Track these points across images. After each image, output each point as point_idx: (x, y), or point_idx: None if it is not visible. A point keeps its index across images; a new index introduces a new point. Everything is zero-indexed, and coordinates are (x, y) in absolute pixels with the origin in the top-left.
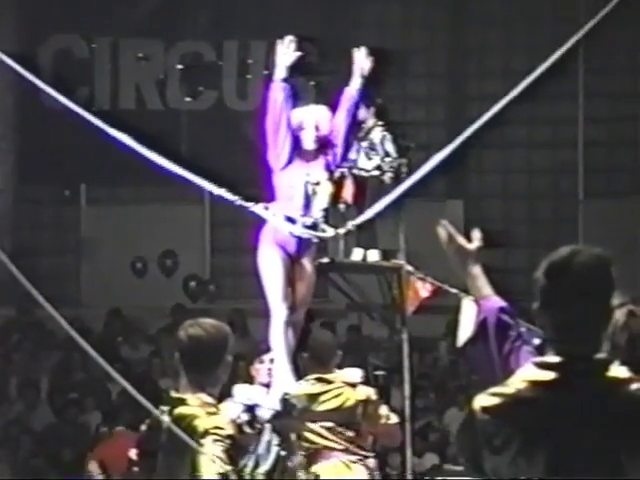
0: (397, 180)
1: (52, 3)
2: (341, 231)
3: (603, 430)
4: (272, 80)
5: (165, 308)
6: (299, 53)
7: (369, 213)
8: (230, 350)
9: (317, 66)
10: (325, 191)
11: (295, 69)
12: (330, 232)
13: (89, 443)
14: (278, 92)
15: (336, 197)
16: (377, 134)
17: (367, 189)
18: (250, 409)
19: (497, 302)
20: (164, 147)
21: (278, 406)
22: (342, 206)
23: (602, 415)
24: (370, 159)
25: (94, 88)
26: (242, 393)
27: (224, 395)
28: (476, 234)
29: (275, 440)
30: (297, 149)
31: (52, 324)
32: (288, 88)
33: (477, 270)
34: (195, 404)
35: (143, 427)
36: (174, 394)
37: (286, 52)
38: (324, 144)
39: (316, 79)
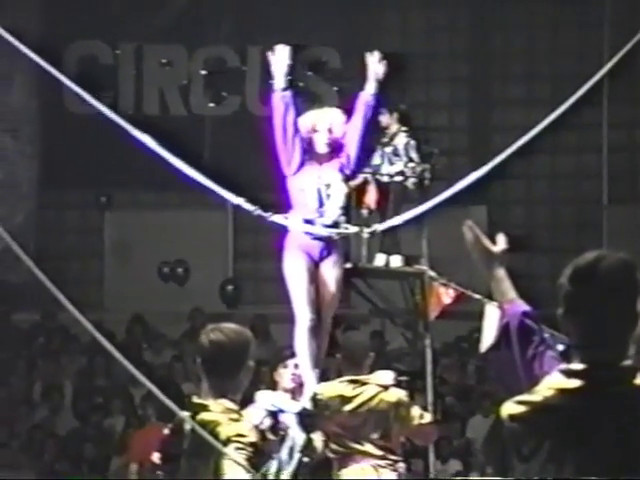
0: (420, 186)
1: (76, 9)
2: (366, 229)
3: (630, 437)
4: (273, 90)
5: (188, 313)
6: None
7: (396, 220)
8: (252, 355)
9: (340, 72)
10: (339, 192)
11: (318, 74)
12: (353, 229)
13: (113, 447)
14: (279, 102)
15: (359, 202)
16: (401, 140)
17: (390, 195)
18: (273, 415)
19: (521, 306)
20: (187, 152)
21: (308, 407)
22: (365, 211)
23: (629, 422)
24: (393, 164)
25: (118, 94)
26: (265, 399)
27: (247, 401)
28: (501, 238)
29: (298, 446)
30: (308, 153)
31: (76, 328)
32: (289, 96)
33: (502, 273)
34: (217, 410)
35: (166, 431)
36: (196, 400)
37: (280, 61)
38: (337, 147)
39: (339, 84)
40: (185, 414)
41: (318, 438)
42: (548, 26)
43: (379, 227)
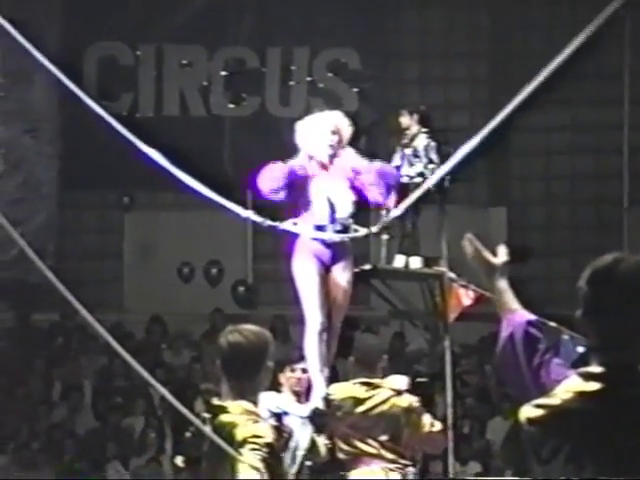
0: (440, 187)
1: (96, 11)
2: (374, 229)
3: None
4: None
5: (208, 314)
6: None
7: (397, 211)
8: (271, 357)
9: (359, 73)
10: (347, 199)
11: (337, 76)
12: (363, 231)
13: (132, 448)
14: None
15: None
16: (421, 141)
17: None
18: (277, 417)
19: (524, 316)
20: (207, 153)
21: (320, 407)
22: (384, 212)
23: None
24: (413, 166)
25: (138, 95)
26: (269, 400)
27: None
28: (502, 249)
29: (301, 449)
30: (313, 159)
31: (94, 329)
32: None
33: (503, 284)
34: (236, 412)
35: (187, 434)
36: (216, 401)
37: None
38: (343, 150)
39: (359, 85)
40: (204, 417)
41: (322, 441)
42: (567, 26)
43: (385, 220)
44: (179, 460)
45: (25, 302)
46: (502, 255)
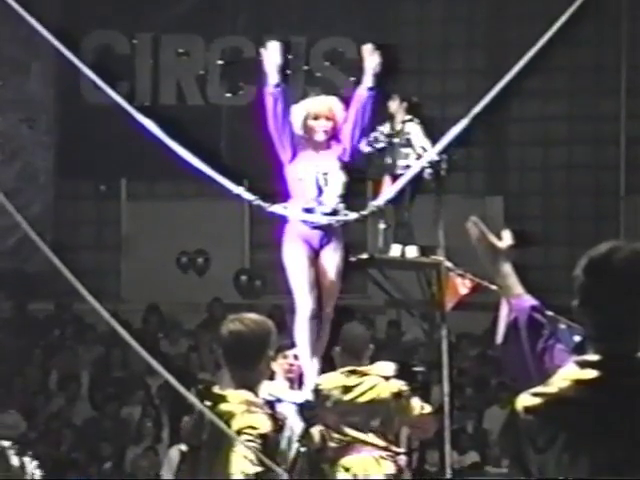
0: (437, 176)
1: None
2: (364, 212)
3: None
4: (266, 85)
5: (204, 304)
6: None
7: (389, 194)
8: (273, 346)
9: (357, 62)
10: (337, 180)
11: (335, 65)
12: (352, 215)
13: (129, 437)
14: (270, 96)
15: (375, 192)
16: (411, 129)
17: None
18: (270, 404)
19: (528, 300)
20: (204, 142)
21: (309, 397)
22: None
23: None
24: (407, 156)
25: (135, 83)
26: (263, 388)
27: None
28: (506, 233)
29: (296, 436)
30: (306, 141)
31: (92, 318)
32: (279, 92)
33: (508, 268)
34: (235, 401)
35: (186, 420)
36: (216, 390)
37: (272, 57)
38: (336, 134)
39: (356, 75)
40: (204, 406)
41: (316, 428)
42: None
43: (375, 204)
44: (182, 447)
45: (22, 292)
46: (507, 239)
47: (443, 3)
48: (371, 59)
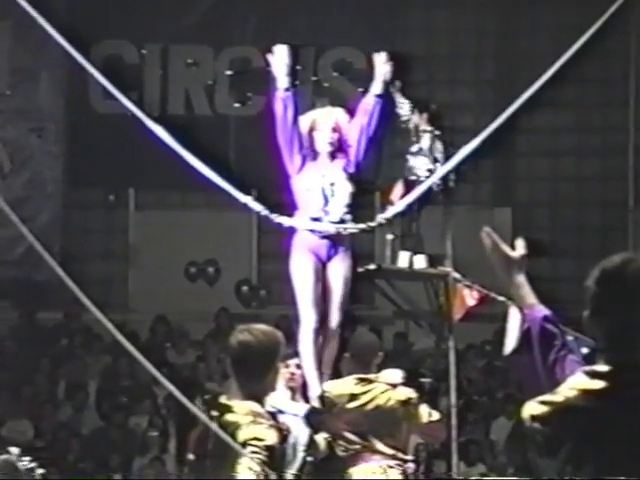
0: (445, 187)
1: (102, 9)
2: (372, 224)
3: None
4: (276, 91)
5: (212, 313)
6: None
7: (399, 207)
8: (281, 357)
9: (365, 72)
10: (344, 191)
11: (343, 75)
12: (360, 225)
13: (137, 447)
14: (280, 101)
15: (385, 200)
16: (426, 141)
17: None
18: (272, 416)
19: (541, 311)
20: (212, 153)
21: (316, 406)
22: (389, 207)
23: None
24: (420, 164)
25: (144, 93)
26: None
27: None
28: (520, 243)
29: (301, 445)
30: (312, 152)
31: (100, 328)
32: (290, 96)
33: (521, 279)
34: (242, 412)
35: (194, 432)
36: (223, 400)
37: (280, 61)
38: (342, 145)
39: (364, 85)
40: (211, 415)
41: (321, 436)
42: (574, 28)
43: (383, 216)
44: (191, 456)
45: (30, 301)
46: (520, 249)
47: (453, 13)
48: (382, 67)
